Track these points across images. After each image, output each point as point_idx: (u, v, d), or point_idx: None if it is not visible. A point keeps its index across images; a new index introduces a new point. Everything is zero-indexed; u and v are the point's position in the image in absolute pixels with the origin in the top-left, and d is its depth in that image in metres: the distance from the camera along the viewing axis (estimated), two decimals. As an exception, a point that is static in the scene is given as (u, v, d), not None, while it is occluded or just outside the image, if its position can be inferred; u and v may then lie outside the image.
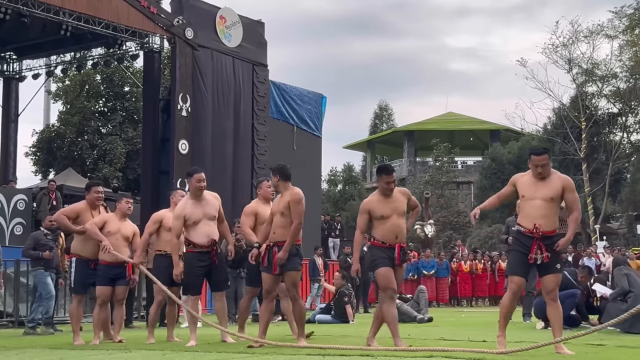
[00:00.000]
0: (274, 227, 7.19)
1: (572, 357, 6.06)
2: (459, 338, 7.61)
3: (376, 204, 6.89)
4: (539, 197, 6.42)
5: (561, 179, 6.56)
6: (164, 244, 8.23)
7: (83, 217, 8.42)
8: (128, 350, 7.18)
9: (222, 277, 7.85)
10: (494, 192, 27.93)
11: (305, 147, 24.72)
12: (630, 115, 36.04)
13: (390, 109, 52.72)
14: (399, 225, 6.89)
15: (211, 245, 7.63)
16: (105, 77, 28.30)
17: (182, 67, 20.74)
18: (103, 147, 26.98)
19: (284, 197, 7.18)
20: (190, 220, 7.60)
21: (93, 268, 8.41)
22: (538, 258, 6.41)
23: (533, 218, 6.41)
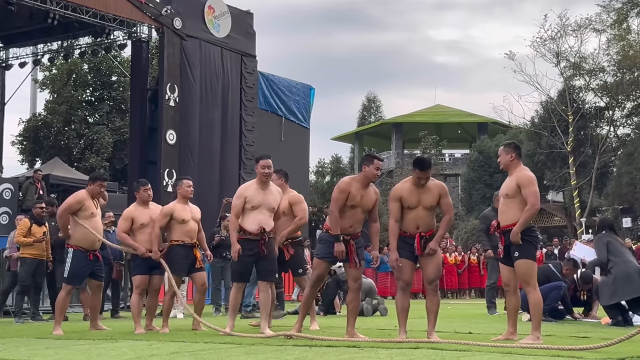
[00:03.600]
0: (350, 220, 6.97)
1: None
2: (445, 330, 7.62)
3: (407, 192, 6.80)
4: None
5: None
6: (180, 234, 8.22)
7: (86, 204, 8.49)
8: (115, 340, 7.16)
9: (268, 267, 7.64)
10: (481, 185, 28.22)
11: (293, 138, 24.72)
12: (617, 109, 36.15)
13: (379, 101, 52.79)
14: (423, 217, 6.79)
15: (260, 233, 7.50)
16: (93, 66, 28.17)
17: (170, 57, 20.67)
18: (90, 137, 26.88)
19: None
20: (248, 204, 7.50)
21: (91, 259, 8.50)
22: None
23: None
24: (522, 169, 6.88)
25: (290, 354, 5.74)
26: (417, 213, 6.78)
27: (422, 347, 6.01)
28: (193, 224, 8.33)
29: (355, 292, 7.12)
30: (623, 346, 5.92)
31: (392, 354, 5.59)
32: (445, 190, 6.93)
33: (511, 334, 6.86)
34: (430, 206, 6.81)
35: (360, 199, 6.94)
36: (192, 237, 8.32)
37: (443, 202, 6.86)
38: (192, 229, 8.31)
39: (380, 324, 9.12)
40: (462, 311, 12.86)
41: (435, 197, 6.80)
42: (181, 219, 8.20)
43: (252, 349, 6.22)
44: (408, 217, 6.79)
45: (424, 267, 6.87)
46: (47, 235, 11.05)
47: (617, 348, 5.90)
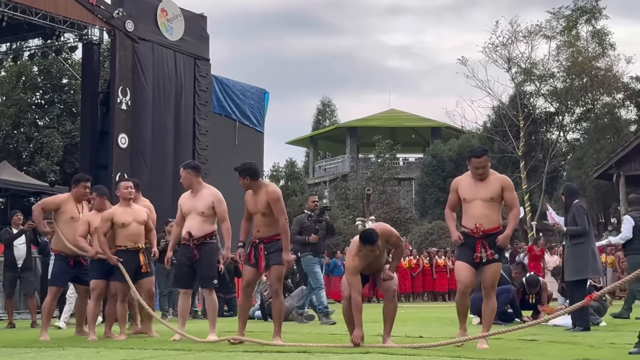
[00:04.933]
0: (257, 225, 7.08)
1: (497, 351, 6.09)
2: (396, 334, 7.63)
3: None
4: (479, 198, 6.57)
5: (499, 179, 6.69)
6: (122, 239, 8.06)
7: (64, 208, 8.33)
8: (61, 348, 7.03)
9: (206, 273, 7.64)
10: (435, 189, 28.29)
11: (247, 142, 24.62)
12: (567, 115, 36.84)
13: (333, 105, 52.88)
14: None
15: (189, 238, 7.50)
16: (43, 68, 27.69)
17: (122, 60, 20.45)
18: (40, 140, 26.40)
19: (260, 195, 7.07)
20: (183, 212, 7.60)
21: (72, 265, 8.36)
22: (483, 256, 6.58)
23: (475, 218, 6.57)
24: (496, 173, 6.83)
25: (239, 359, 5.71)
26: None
27: (372, 352, 6.02)
28: (136, 226, 8.02)
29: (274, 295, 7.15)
30: (568, 349, 6.02)
31: (342, 358, 5.59)
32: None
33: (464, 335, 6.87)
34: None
35: (254, 204, 7.05)
36: (135, 241, 8.01)
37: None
38: (134, 233, 8.02)
39: (334, 329, 9.12)
40: (415, 315, 12.94)
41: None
42: (121, 222, 7.98)
43: (202, 355, 6.17)
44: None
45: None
46: None
47: (562, 352, 5.99)
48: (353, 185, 38.07)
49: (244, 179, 7.09)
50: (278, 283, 7.11)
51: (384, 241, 6.74)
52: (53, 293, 8.39)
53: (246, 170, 7.13)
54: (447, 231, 31.55)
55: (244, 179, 7.09)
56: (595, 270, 8.83)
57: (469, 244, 6.60)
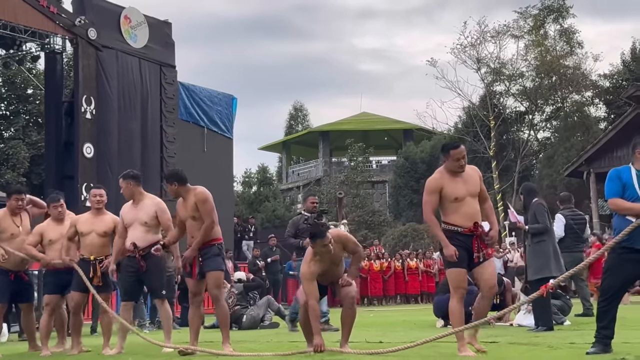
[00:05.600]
0: (190, 231, 6.96)
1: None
2: (356, 340, 7.51)
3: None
4: (469, 195, 6.24)
5: (474, 170, 6.48)
6: (82, 247, 7.83)
7: (2, 225, 8.07)
8: (10, 366, 6.82)
9: (155, 283, 7.51)
10: (408, 191, 28.14)
11: (216, 148, 24.42)
12: (537, 114, 37.04)
13: (305, 110, 52.81)
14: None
15: (134, 249, 7.34)
16: (7, 79, 27.28)
17: (86, 69, 20.18)
18: (5, 152, 25.98)
19: (189, 199, 6.94)
20: (125, 224, 7.45)
21: (13, 280, 8.09)
22: (481, 256, 6.20)
23: (470, 216, 6.21)
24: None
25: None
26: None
27: (328, 359, 5.89)
28: (94, 237, 7.70)
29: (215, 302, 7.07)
30: (527, 351, 5.92)
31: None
32: None
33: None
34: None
35: (184, 210, 6.97)
36: (90, 252, 7.69)
37: None
38: (91, 243, 7.70)
39: (295, 337, 8.96)
40: (383, 319, 12.82)
41: None
42: (80, 231, 7.75)
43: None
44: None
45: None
46: None
47: (520, 354, 5.88)
48: (327, 190, 37.95)
49: (171, 185, 6.97)
50: (217, 290, 6.97)
51: (340, 248, 6.62)
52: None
53: (173, 175, 7.06)
54: (420, 233, 31.74)
55: (172, 185, 6.97)
56: (558, 268, 8.76)
57: (463, 245, 6.17)
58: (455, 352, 6.07)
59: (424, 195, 6.36)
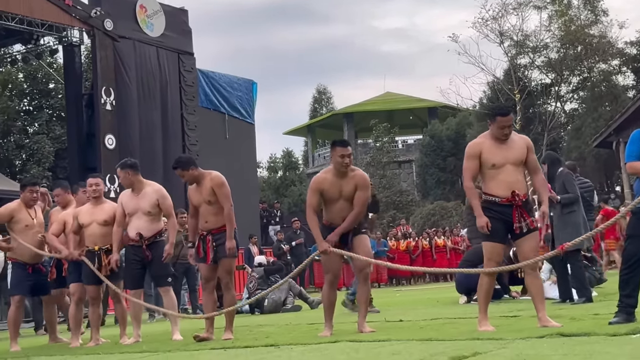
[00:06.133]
0: (204, 216, 6.86)
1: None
2: (375, 319, 7.38)
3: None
4: (510, 163, 5.85)
5: (523, 138, 6.03)
6: (86, 239, 7.75)
7: (17, 216, 8.04)
8: (26, 358, 6.78)
9: (160, 271, 7.44)
10: (435, 169, 27.92)
11: (238, 135, 24.34)
12: (563, 85, 36.40)
13: (329, 93, 52.49)
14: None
15: (140, 239, 7.27)
16: (28, 74, 27.43)
17: (104, 60, 20.15)
18: (30, 147, 26.17)
19: (204, 184, 6.83)
20: (126, 213, 7.37)
21: (31, 272, 8.09)
22: (523, 226, 5.80)
23: (508, 185, 5.82)
24: (516, 134, 6.07)
25: (201, 359, 5.45)
26: (340, 205, 6.49)
27: (341, 341, 5.74)
28: (95, 227, 7.59)
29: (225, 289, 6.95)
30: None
31: (306, 351, 5.32)
32: (365, 184, 6.56)
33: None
34: (350, 197, 6.45)
35: (199, 195, 6.87)
36: (94, 242, 7.60)
37: (357, 194, 6.49)
38: (93, 234, 7.61)
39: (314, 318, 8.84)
40: (408, 298, 12.66)
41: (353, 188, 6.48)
42: (81, 222, 7.67)
43: (166, 356, 5.91)
44: (332, 210, 6.49)
45: (352, 256, 6.57)
46: None
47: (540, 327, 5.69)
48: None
49: (190, 170, 6.86)
50: (228, 276, 6.91)
51: (352, 185, 6.41)
52: (16, 302, 8.09)
53: (189, 161, 6.99)
54: (449, 211, 31.46)
55: (191, 170, 6.87)
56: (589, 239, 8.51)
57: (501, 217, 5.80)
58: (474, 328, 5.89)
59: (464, 161, 6.02)
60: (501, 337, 5.22)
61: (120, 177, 7.42)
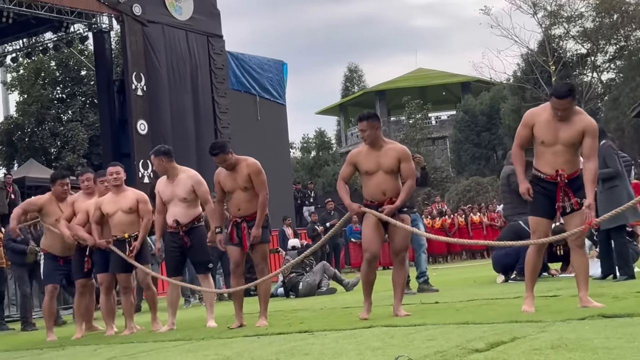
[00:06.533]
0: (238, 203, 6.76)
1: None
2: (410, 302, 7.25)
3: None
4: (561, 144, 5.57)
5: (584, 122, 5.57)
6: (112, 228, 7.70)
7: (47, 209, 8.04)
8: (62, 348, 6.78)
9: (200, 258, 7.37)
10: (469, 145, 27.50)
11: (269, 116, 24.25)
12: (599, 55, 35.72)
13: (360, 71, 52.13)
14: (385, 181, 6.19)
15: (177, 226, 7.20)
16: (60, 62, 27.60)
17: (133, 45, 20.15)
18: (65, 135, 26.37)
19: (240, 170, 6.73)
20: (164, 200, 7.30)
21: (62, 264, 8.10)
22: (567, 206, 5.59)
23: (554, 164, 5.61)
24: (582, 113, 5.69)
25: (235, 347, 5.36)
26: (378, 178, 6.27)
27: (376, 326, 5.63)
28: (121, 216, 7.53)
29: (261, 274, 6.83)
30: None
31: (340, 337, 5.21)
32: (407, 156, 6.39)
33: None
34: (391, 170, 6.27)
35: (233, 181, 6.73)
36: (122, 231, 7.54)
37: (403, 167, 6.35)
38: (120, 222, 7.54)
39: (350, 302, 8.74)
40: (444, 277, 12.49)
41: (394, 160, 6.25)
42: (105, 212, 7.61)
43: (199, 344, 5.85)
44: (370, 183, 6.30)
45: (391, 237, 6.41)
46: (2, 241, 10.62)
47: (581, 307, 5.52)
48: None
49: (228, 154, 6.71)
50: (264, 262, 6.84)
51: (395, 158, 6.21)
52: (49, 292, 8.09)
53: (224, 145, 6.85)
54: (484, 186, 31.13)
55: (228, 154, 6.73)
56: (634, 214, 8.23)
57: (546, 193, 5.62)
58: (512, 310, 5.74)
59: (519, 126, 5.83)
60: (540, 319, 5.06)
61: (154, 165, 7.34)
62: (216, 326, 7.05)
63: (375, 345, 4.58)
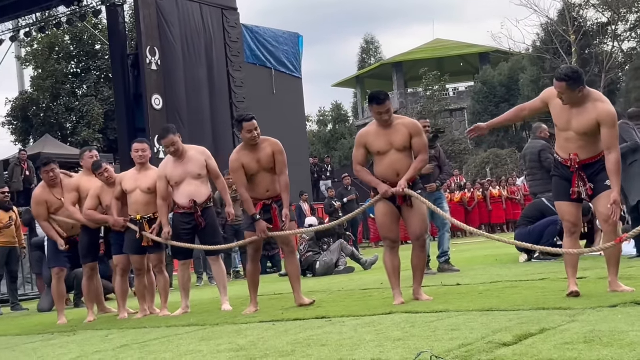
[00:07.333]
0: (266, 185, 6.50)
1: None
2: (431, 283, 7.03)
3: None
4: (573, 130, 5.32)
5: (598, 110, 5.22)
6: (129, 207, 7.47)
7: (45, 200, 7.86)
8: (72, 333, 6.63)
9: (211, 239, 7.15)
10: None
11: (285, 89, 23.99)
12: (621, 24, 35.02)
13: (377, 42, 51.58)
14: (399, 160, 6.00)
15: (194, 206, 7.00)
16: (74, 37, 27.38)
17: (147, 19, 19.86)
18: (80, 110, 26.22)
19: (264, 149, 6.46)
20: (172, 181, 7.04)
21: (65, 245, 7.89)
22: (582, 191, 5.37)
23: (568, 149, 5.38)
24: (600, 100, 5.31)
25: (249, 335, 5.17)
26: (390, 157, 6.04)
27: (396, 312, 5.42)
28: (138, 195, 7.28)
29: (291, 256, 6.68)
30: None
31: (358, 325, 5.00)
32: (418, 130, 6.13)
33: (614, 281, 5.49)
34: (403, 147, 6.03)
35: (256, 163, 6.46)
36: (137, 210, 7.29)
37: (414, 142, 6.09)
38: (136, 201, 7.30)
39: (369, 283, 8.53)
40: (464, 254, 12.25)
41: (406, 136, 6.04)
42: (125, 189, 7.37)
43: (211, 331, 5.66)
44: (382, 163, 6.08)
45: (407, 221, 6.13)
46: (17, 220, 10.50)
47: (610, 293, 5.27)
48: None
49: (176, 135, 6.92)
50: (291, 243, 6.69)
51: (406, 135, 5.95)
52: (56, 275, 7.95)
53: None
54: (503, 159, 30.74)
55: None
56: None
57: (565, 175, 5.43)
58: (538, 294, 5.50)
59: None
60: (569, 306, 4.83)
61: (173, 144, 6.99)
62: (231, 309, 6.87)
63: (396, 336, 4.37)
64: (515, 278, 7.05)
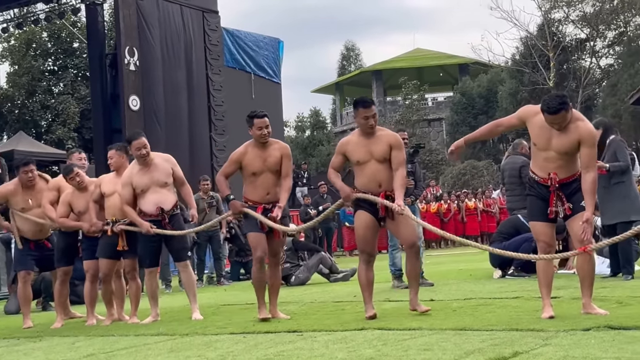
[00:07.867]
0: (267, 186, 6.38)
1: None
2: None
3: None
4: (554, 150, 5.25)
5: (580, 130, 5.14)
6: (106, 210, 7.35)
7: (13, 200, 7.71)
8: (39, 339, 6.50)
9: (179, 245, 7.07)
10: (466, 128, 27.17)
11: (264, 94, 23.86)
12: (599, 40, 35.38)
13: (357, 49, 51.63)
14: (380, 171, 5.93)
15: (160, 213, 6.92)
16: (52, 34, 27.09)
17: (127, 19, 19.66)
18: (56, 108, 25.93)
19: (271, 151, 6.35)
20: (137, 189, 6.94)
21: (33, 249, 7.79)
22: (560, 211, 5.31)
23: (547, 168, 5.31)
24: (580, 120, 5.23)
25: (218, 347, 5.09)
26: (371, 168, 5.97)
27: (368, 329, 5.36)
28: (116, 199, 7.11)
29: (275, 268, 6.60)
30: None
31: (330, 341, 4.94)
32: (399, 143, 6.06)
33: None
34: (383, 158, 5.95)
35: (262, 162, 6.35)
36: (113, 214, 7.16)
37: (394, 155, 6.02)
38: (113, 205, 7.16)
39: (339, 293, 8.47)
40: (438, 267, 12.23)
41: (386, 147, 5.94)
42: (103, 191, 7.25)
43: (180, 342, 5.57)
44: (364, 174, 5.98)
45: (397, 231, 6.06)
46: None
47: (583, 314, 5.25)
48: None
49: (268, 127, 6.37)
50: (281, 252, 6.84)
51: (386, 146, 5.90)
52: (22, 278, 7.79)
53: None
54: (480, 170, 30.87)
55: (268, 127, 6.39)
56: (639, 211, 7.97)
57: (541, 195, 5.35)
58: (511, 313, 5.47)
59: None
60: (542, 327, 4.80)
61: (139, 149, 6.88)
62: (202, 318, 6.78)
63: (367, 354, 4.32)
64: (489, 295, 7.03)
